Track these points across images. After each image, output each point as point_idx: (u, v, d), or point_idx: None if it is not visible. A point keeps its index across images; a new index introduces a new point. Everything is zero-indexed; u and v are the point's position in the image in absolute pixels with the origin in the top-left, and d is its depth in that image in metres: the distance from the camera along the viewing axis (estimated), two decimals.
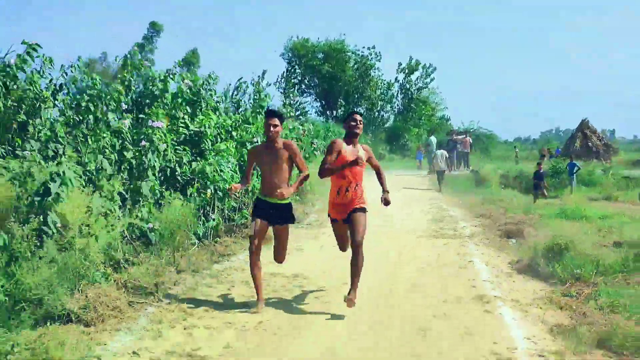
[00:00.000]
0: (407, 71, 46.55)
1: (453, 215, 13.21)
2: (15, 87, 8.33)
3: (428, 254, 8.78)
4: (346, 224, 5.95)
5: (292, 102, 42.30)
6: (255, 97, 19.54)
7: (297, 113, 42.97)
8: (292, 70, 46.33)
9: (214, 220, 9.04)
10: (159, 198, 8.25)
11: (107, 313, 5.05)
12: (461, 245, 9.50)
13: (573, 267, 7.27)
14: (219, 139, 11.37)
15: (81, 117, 9.21)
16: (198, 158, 10.17)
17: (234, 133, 12.17)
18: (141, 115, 10.19)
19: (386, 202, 6.09)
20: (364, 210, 5.92)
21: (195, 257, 7.47)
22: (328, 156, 5.92)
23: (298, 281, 7.04)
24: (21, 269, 5.07)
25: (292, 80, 45.87)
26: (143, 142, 8.34)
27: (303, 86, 46.79)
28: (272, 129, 5.91)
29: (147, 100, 10.43)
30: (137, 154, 8.33)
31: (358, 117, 6.08)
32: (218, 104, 13.16)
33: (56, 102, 9.10)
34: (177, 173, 9.47)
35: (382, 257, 8.40)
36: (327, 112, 46.73)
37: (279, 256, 6.30)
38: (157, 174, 8.53)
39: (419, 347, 4.77)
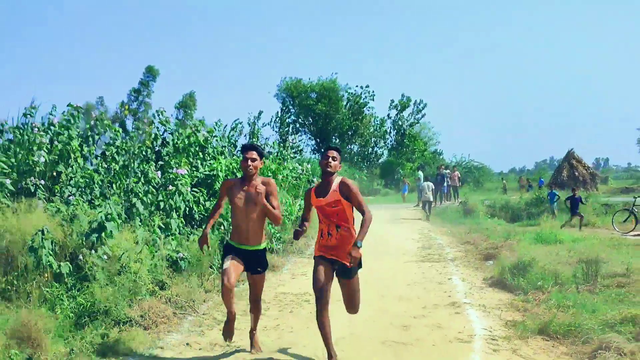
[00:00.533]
0: (399, 107, 48.53)
1: (440, 243, 14.73)
2: (56, 143, 9.98)
3: (415, 273, 10.32)
4: (331, 268, 5.42)
5: (290, 144, 44.09)
6: (252, 138, 21.21)
7: (293, 152, 44.69)
8: (287, 110, 48.24)
9: None
10: (185, 232, 9.81)
11: (159, 320, 6.57)
12: (444, 266, 11.03)
13: (535, 280, 8.80)
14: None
15: (109, 165, 10.89)
16: (211, 198, 11.74)
17: (238, 174, 13.76)
18: (161, 162, 11.83)
19: (354, 259, 5.14)
20: (356, 269, 5.52)
21: (218, 280, 8.98)
22: (303, 209, 5.70)
23: (305, 297, 8.52)
24: (92, 287, 6.61)
25: (287, 120, 47.73)
26: (170, 187, 9.93)
27: (297, 125, 48.65)
28: (249, 163, 5.54)
29: (171, 151, 11.92)
30: (165, 197, 9.91)
31: (332, 153, 5.49)
32: (224, 148, 14.85)
33: (84, 152, 10.76)
34: (194, 211, 11.05)
35: (376, 276, 9.91)
36: (322, 150, 48.54)
37: (255, 306, 5.86)
38: (181, 213, 10.10)
39: (401, 336, 6.30)
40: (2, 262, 7.37)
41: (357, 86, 47.95)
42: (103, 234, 7.59)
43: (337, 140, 48.34)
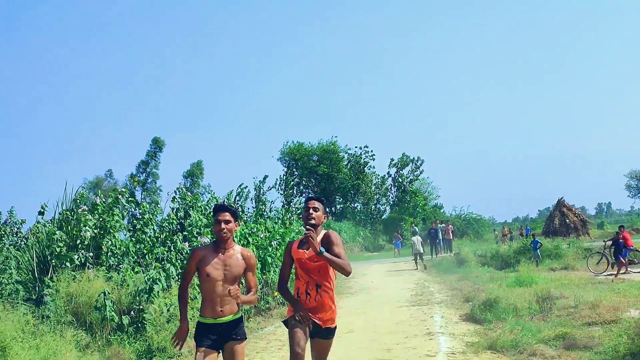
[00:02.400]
0: (398, 165, 51.19)
1: (431, 290, 16.89)
2: (101, 219, 12.36)
3: (404, 314, 12.51)
4: (308, 332, 5.11)
5: (294, 207, 46.63)
6: (258, 203, 23.50)
7: (299, 212, 47.07)
8: (291, 172, 50.92)
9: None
10: None
11: None
12: (429, 308, 13.21)
13: (499, 314, 11.00)
14: (240, 244, 15.29)
15: (138, 237, 13.24)
16: None
17: (250, 239, 16.05)
18: (185, 233, 14.17)
19: (312, 244, 4.95)
20: (332, 333, 5.26)
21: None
22: (282, 265, 5.39)
23: None
24: (149, 332, 8.87)
25: (291, 183, 50.33)
26: None
27: (301, 187, 51.24)
28: (223, 225, 5.06)
29: (193, 223, 14.27)
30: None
31: (313, 204, 5.26)
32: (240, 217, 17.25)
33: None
34: None
35: (371, 318, 12.09)
36: (326, 210, 50.92)
37: None
38: None
39: (384, 355, 8.52)
40: (75, 320, 9.67)
41: (356, 147, 50.68)
42: (152, 294, 9.90)
43: (340, 199, 50.80)
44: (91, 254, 11.90)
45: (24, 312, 9.22)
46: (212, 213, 5.67)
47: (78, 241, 11.83)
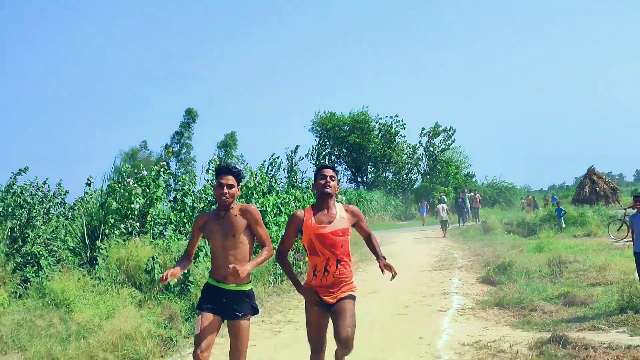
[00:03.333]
0: (430, 135, 51.83)
1: (455, 256, 17.95)
2: (148, 191, 13.65)
3: (426, 277, 13.64)
4: (325, 313, 4.93)
5: None
6: (291, 173, 24.63)
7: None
8: (323, 143, 51.94)
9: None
10: None
11: None
12: (450, 272, 14.30)
13: (512, 276, 12.06)
14: (273, 214, 16.52)
15: (179, 207, 14.53)
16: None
17: (282, 208, 17.26)
18: None
19: (387, 268, 5.03)
20: (352, 297, 4.95)
21: (269, 294, 12.44)
22: (285, 236, 5.07)
23: None
24: (193, 291, 10.14)
25: (323, 153, 51.39)
26: None
27: (333, 157, 52.29)
28: (224, 190, 4.81)
29: None
30: None
31: (329, 172, 4.98)
32: (272, 188, 18.48)
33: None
34: None
35: (395, 279, 13.22)
36: (358, 180, 52.08)
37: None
38: None
39: (402, 311, 9.68)
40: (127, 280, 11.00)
41: (387, 116, 51.41)
42: (197, 260, 11.19)
43: (372, 169, 51.80)
44: (137, 223, 13.24)
45: (81, 274, 10.60)
46: (214, 175, 4.92)
47: (128, 211, 13.15)
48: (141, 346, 7.35)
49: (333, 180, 4.95)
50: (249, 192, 15.71)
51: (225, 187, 4.79)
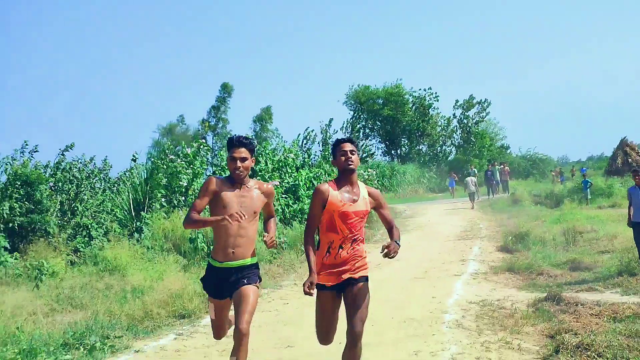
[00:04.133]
0: (464, 107, 52.23)
1: (480, 227, 18.87)
2: (192, 166, 14.85)
3: (449, 245, 14.65)
4: (338, 297, 4.69)
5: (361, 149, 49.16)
6: (325, 146, 25.56)
7: (365, 156, 49.33)
8: (357, 116, 52.76)
9: None
10: (280, 227, 14.53)
11: (280, 272, 11.20)
12: (472, 241, 15.28)
13: (529, 244, 13.01)
14: (306, 187, 17.66)
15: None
16: (296, 202, 16.42)
17: (315, 182, 18.37)
18: (258, 178, 16.61)
19: (390, 250, 4.46)
20: (365, 279, 4.72)
21: (301, 261, 13.60)
22: (312, 213, 4.71)
23: None
24: None
25: (357, 126, 52.21)
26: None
27: (367, 130, 53.12)
28: (238, 164, 4.62)
29: (263, 167, 16.72)
30: None
31: (348, 146, 4.69)
32: (304, 162, 19.62)
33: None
34: (285, 212, 15.75)
35: (420, 248, 14.29)
36: (392, 152, 52.90)
37: (237, 345, 4.45)
38: (278, 213, 14.80)
39: (420, 275, 10.73)
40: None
41: (420, 89, 51.93)
42: None
43: (406, 141, 52.54)
44: (182, 198, 14.49)
45: (132, 243, 11.87)
46: (226, 147, 4.76)
47: (176, 187, 14.39)
48: (188, 303, 8.49)
49: (354, 154, 4.65)
50: (281, 166, 16.84)
51: (238, 161, 4.59)
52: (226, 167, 15.72)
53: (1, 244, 10.74)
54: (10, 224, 11.84)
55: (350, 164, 4.60)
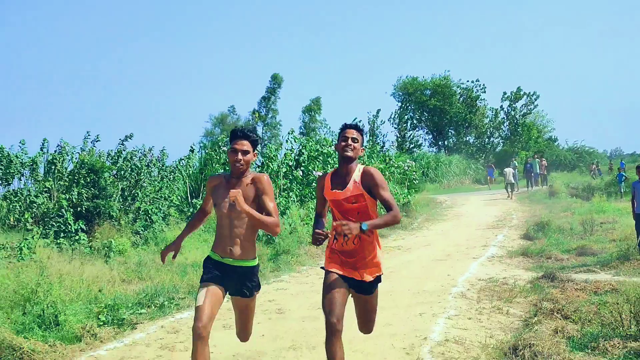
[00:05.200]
0: (512, 99, 52.88)
1: (513, 217, 20.08)
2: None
3: (478, 233, 15.99)
4: (345, 283, 4.46)
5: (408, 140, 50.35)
6: (372, 137, 26.81)
7: (412, 147, 50.55)
8: (405, 107, 53.94)
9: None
10: None
11: (319, 253, 12.76)
12: (500, 230, 16.55)
13: (548, 233, 14.27)
14: None
15: (264, 170, 17.35)
16: None
17: None
18: (302, 168, 18.20)
19: (337, 230, 4.12)
20: (376, 285, 4.63)
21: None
22: (316, 200, 4.77)
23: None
24: (277, 242, 12.95)
25: (405, 117, 53.39)
26: (314, 184, 16.28)
27: (414, 121, 54.27)
28: (239, 156, 4.43)
29: (305, 159, 18.30)
30: (307, 191, 16.25)
31: (352, 133, 4.55)
32: None
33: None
34: None
35: (451, 236, 15.65)
36: (439, 143, 53.96)
37: (243, 333, 4.96)
38: None
39: (442, 257, 12.14)
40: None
41: (468, 81, 52.80)
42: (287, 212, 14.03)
43: (453, 132, 53.54)
44: None
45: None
46: (228, 139, 4.68)
47: None
48: None
49: (355, 142, 4.51)
50: (326, 158, 18.37)
51: (239, 153, 4.41)
52: (274, 159, 17.54)
53: (79, 225, 12.49)
54: (79, 208, 13.44)
55: (347, 152, 4.47)
